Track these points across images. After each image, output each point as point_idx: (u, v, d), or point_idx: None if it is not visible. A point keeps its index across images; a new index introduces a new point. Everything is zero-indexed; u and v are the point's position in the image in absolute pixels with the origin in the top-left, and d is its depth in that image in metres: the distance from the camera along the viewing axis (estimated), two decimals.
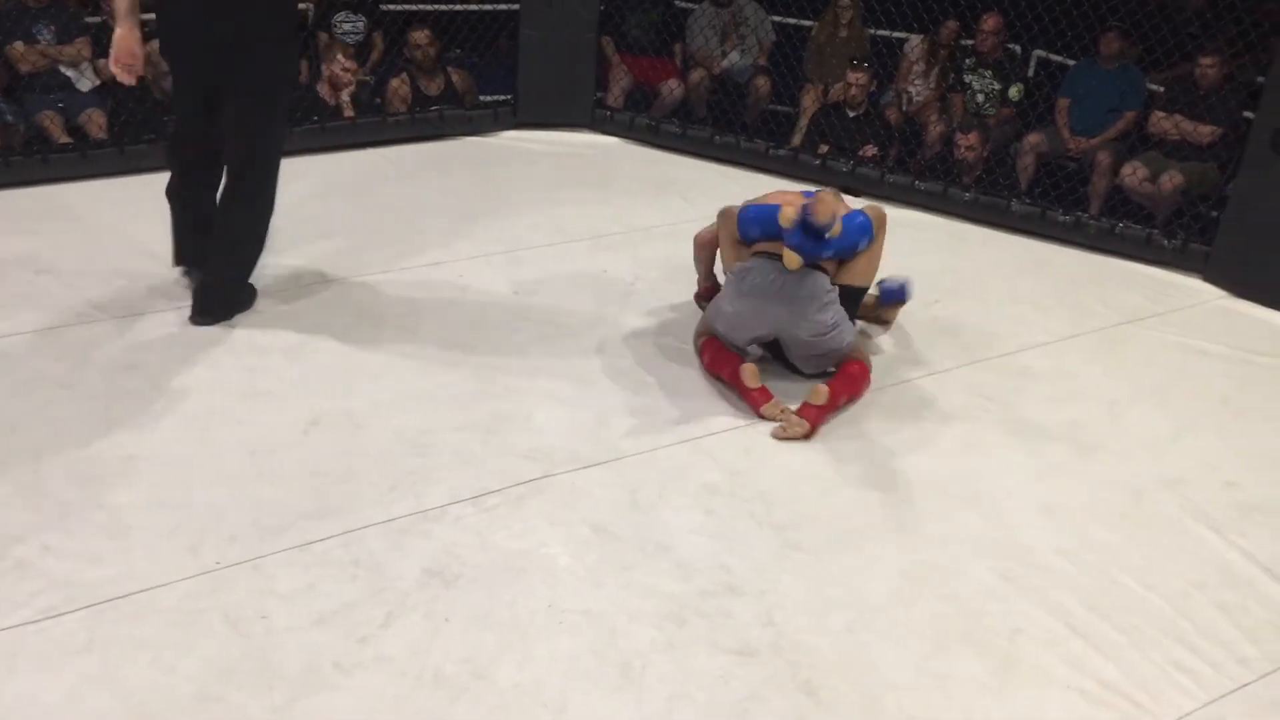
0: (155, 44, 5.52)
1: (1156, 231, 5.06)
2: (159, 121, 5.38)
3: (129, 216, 4.63)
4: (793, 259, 3.43)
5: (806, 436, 3.39)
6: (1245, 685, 2.57)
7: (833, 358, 3.63)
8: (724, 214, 3.83)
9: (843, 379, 3.57)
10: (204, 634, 2.47)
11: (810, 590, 2.76)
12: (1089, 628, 2.70)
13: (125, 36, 3.57)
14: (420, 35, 6.02)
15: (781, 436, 3.39)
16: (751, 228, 3.67)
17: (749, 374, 3.51)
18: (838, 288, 3.62)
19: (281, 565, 2.70)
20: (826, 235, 3.44)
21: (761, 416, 3.47)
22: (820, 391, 3.45)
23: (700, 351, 3.74)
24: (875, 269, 3.82)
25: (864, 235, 3.71)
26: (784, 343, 3.64)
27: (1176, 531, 3.11)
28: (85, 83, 5.63)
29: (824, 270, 3.59)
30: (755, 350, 3.67)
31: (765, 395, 3.50)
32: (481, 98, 6.39)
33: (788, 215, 3.40)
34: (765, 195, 3.88)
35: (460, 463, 3.15)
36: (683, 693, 2.42)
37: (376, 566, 2.72)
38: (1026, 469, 3.35)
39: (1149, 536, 3.08)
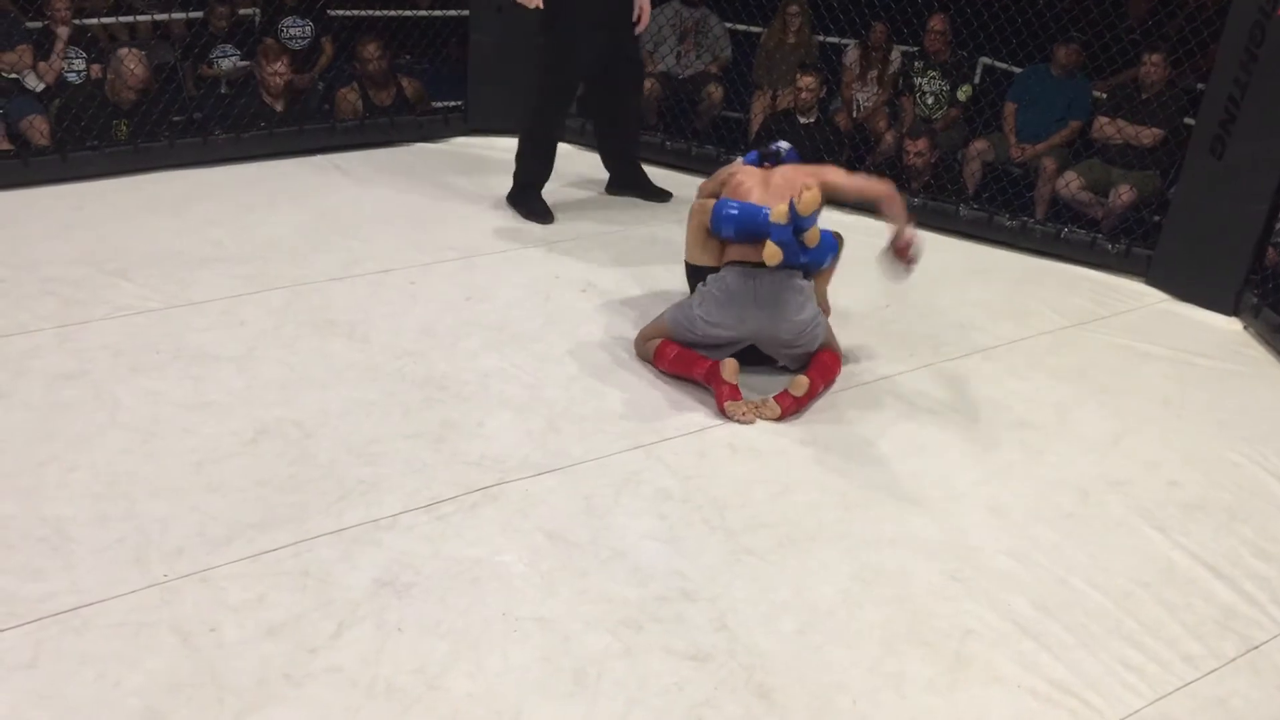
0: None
1: (1100, 236, 5.14)
2: (105, 128, 5.31)
3: (71, 224, 4.56)
4: (774, 253, 3.48)
5: (778, 419, 3.51)
6: (1191, 683, 2.62)
7: (810, 352, 3.71)
8: (699, 206, 3.84)
9: (818, 368, 3.64)
10: (151, 648, 2.43)
11: (762, 594, 2.77)
12: (1038, 627, 2.74)
13: None
14: (370, 48, 5.97)
15: (752, 417, 3.49)
16: (726, 226, 3.68)
17: (730, 369, 3.57)
18: (812, 282, 3.71)
19: (230, 577, 2.66)
20: (804, 236, 3.55)
21: (723, 411, 3.51)
22: (800, 383, 3.55)
23: (654, 355, 3.75)
24: (825, 291, 3.97)
25: (831, 252, 3.80)
26: (761, 343, 3.70)
27: (1122, 531, 3.16)
28: (33, 80, 5.54)
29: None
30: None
31: (735, 393, 3.54)
32: (433, 104, 6.35)
33: (781, 211, 3.48)
34: (731, 176, 3.89)
35: (411, 471, 3.12)
36: (638, 698, 2.42)
37: (327, 576, 2.69)
38: (975, 471, 3.38)
39: (1095, 536, 3.12)
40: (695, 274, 3.91)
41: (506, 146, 5.42)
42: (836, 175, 3.90)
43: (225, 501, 2.93)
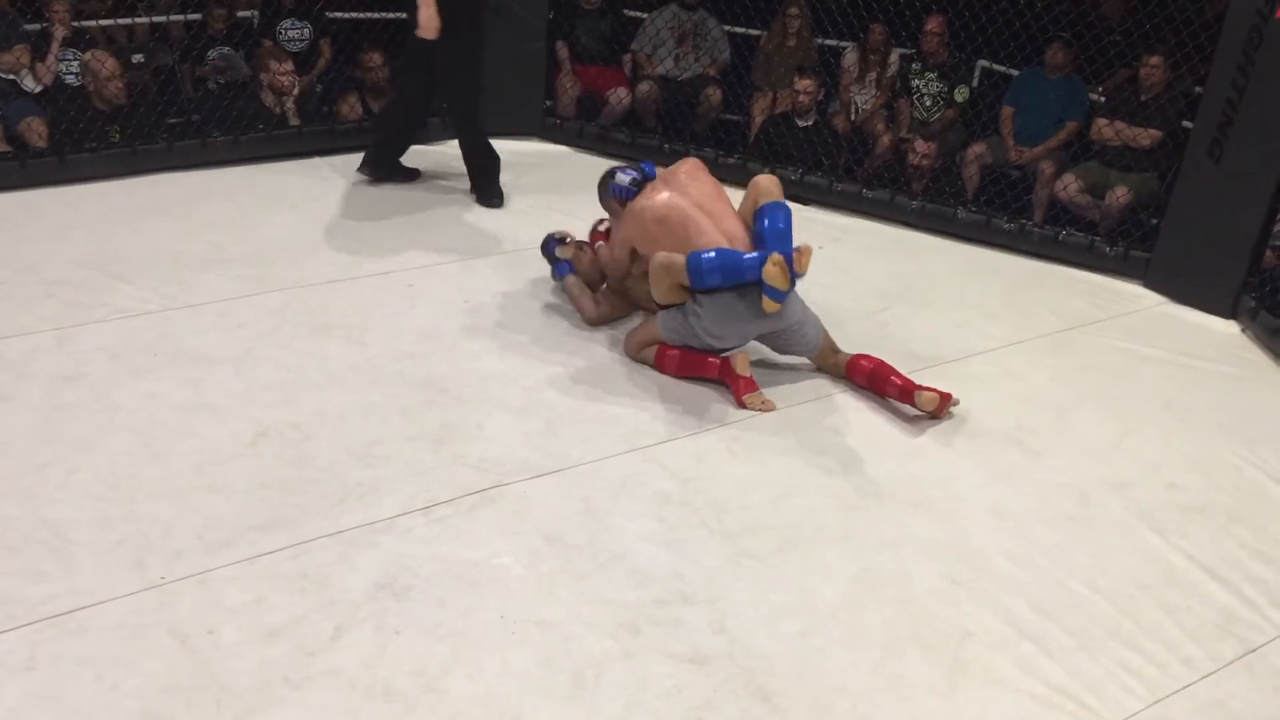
0: (93, 52, 5.47)
1: (1099, 239, 5.14)
2: (100, 130, 5.30)
3: (69, 227, 4.56)
4: (773, 306, 3.54)
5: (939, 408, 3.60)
6: (1189, 685, 2.62)
7: (806, 345, 3.78)
8: (664, 266, 3.61)
9: (873, 367, 3.73)
10: (150, 650, 2.43)
11: (762, 597, 2.77)
12: (1037, 630, 2.74)
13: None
14: (373, 57, 5.96)
15: (771, 405, 3.61)
16: (712, 275, 3.53)
17: (742, 363, 3.64)
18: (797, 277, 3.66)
19: (229, 579, 2.66)
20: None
21: (742, 405, 3.58)
22: (928, 398, 3.58)
23: (656, 361, 3.76)
24: None
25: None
26: (765, 340, 3.82)
27: (1121, 533, 3.16)
28: (30, 82, 5.53)
29: None
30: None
31: (751, 385, 3.61)
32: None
33: (778, 276, 3.43)
34: (661, 219, 3.72)
35: (410, 473, 3.12)
36: (637, 701, 2.42)
37: (326, 579, 2.69)
38: (975, 473, 3.38)
39: (1095, 539, 3.12)
40: None
41: (504, 148, 5.43)
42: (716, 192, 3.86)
43: (225, 504, 2.93)
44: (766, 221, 3.65)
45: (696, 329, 3.66)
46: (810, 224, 5.43)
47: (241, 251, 4.43)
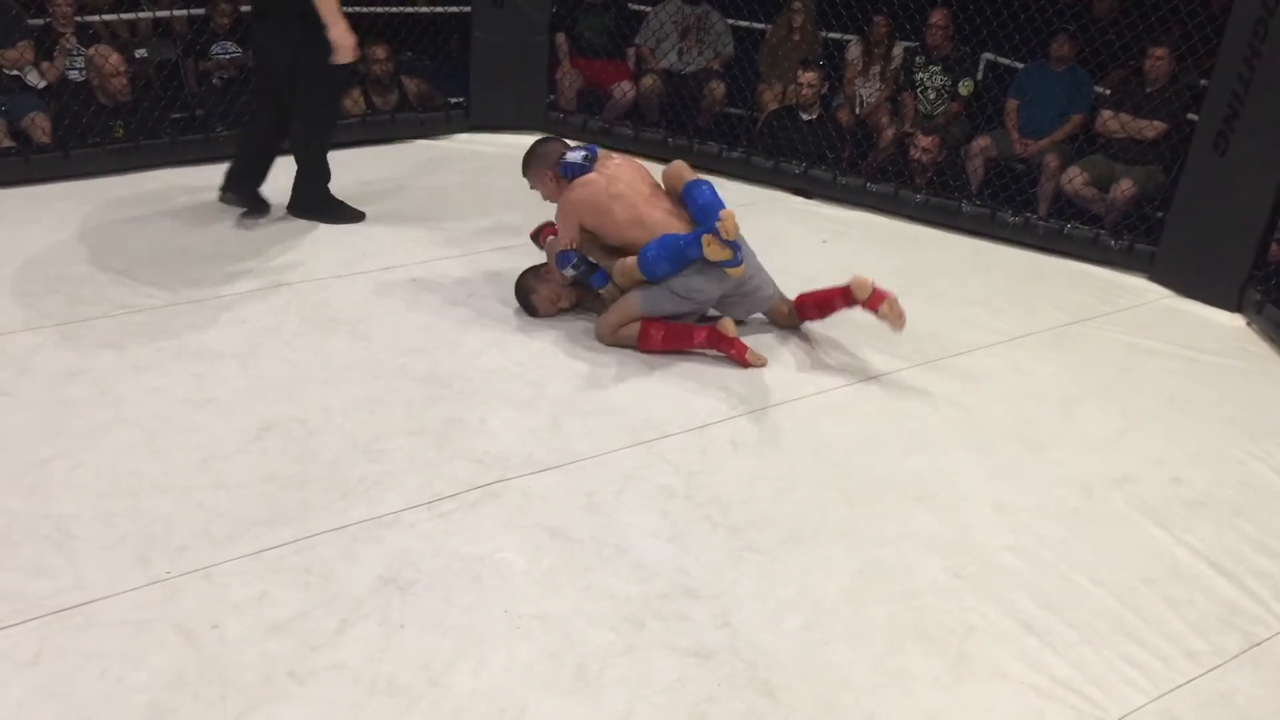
0: (97, 47, 5.47)
1: (1104, 232, 5.14)
2: (104, 126, 5.31)
3: (73, 222, 4.56)
4: (737, 272, 3.76)
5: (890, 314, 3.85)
6: (1193, 679, 2.62)
7: (763, 300, 4.03)
8: (622, 271, 3.86)
9: (810, 298, 4.01)
10: (155, 645, 2.44)
11: (766, 591, 2.77)
12: (1041, 624, 2.73)
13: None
14: (379, 50, 5.96)
15: (766, 360, 3.83)
16: (660, 266, 3.75)
17: (730, 326, 3.79)
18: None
19: (234, 574, 2.66)
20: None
21: (746, 363, 3.77)
22: (859, 285, 3.85)
23: (640, 339, 3.82)
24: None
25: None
26: (730, 296, 3.94)
27: (1125, 527, 3.16)
28: (35, 77, 5.54)
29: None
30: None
31: (743, 346, 3.78)
32: (448, 100, 6.33)
33: (719, 252, 3.64)
34: (602, 211, 3.90)
35: (414, 468, 3.13)
36: (640, 696, 2.42)
37: (330, 573, 2.69)
38: (979, 467, 3.38)
39: (1099, 533, 3.12)
40: None
41: (508, 143, 5.43)
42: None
43: (229, 498, 2.93)
44: (693, 200, 3.87)
45: (679, 291, 3.79)
46: (814, 218, 5.44)
47: (245, 246, 4.43)
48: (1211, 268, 4.68)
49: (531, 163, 4.13)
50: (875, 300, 3.82)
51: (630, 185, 3.93)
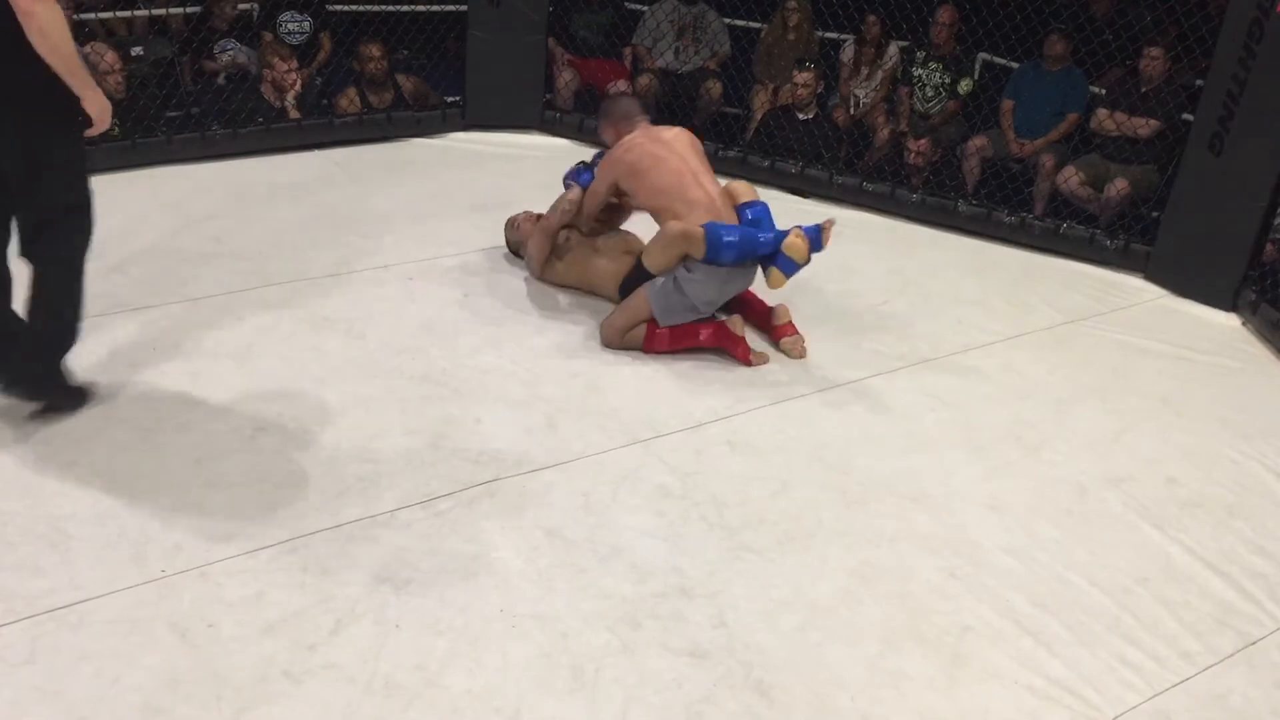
0: (92, 45, 5.46)
1: (1099, 232, 5.14)
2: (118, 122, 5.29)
3: None
4: (780, 281, 3.78)
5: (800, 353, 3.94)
6: (1188, 679, 2.62)
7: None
8: (680, 234, 3.72)
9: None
10: (149, 644, 2.43)
11: (762, 591, 2.77)
12: (1036, 624, 2.74)
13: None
14: (372, 49, 5.94)
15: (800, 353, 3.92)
16: (727, 252, 3.69)
17: (739, 324, 3.84)
18: None
19: (229, 573, 2.66)
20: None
21: (749, 363, 3.80)
22: (781, 311, 3.97)
23: (646, 340, 3.82)
24: None
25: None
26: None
27: (1120, 528, 3.16)
28: None
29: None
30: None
31: (748, 345, 3.83)
32: (444, 99, 6.32)
33: (801, 250, 3.71)
34: (647, 172, 3.93)
35: (409, 467, 3.12)
36: (636, 695, 2.42)
37: (325, 573, 2.69)
38: (974, 468, 3.38)
39: (1094, 533, 3.12)
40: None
41: (504, 142, 5.43)
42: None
43: (224, 498, 2.93)
44: (751, 214, 3.91)
45: (693, 299, 3.78)
46: (810, 217, 5.38)
47: (241, 245, 4.42)
48: (1207, 267, 4.68)
49: (605, 116, 4.29)
50: (780, 333, 3.95)
51: (681, 157, 3.96)
